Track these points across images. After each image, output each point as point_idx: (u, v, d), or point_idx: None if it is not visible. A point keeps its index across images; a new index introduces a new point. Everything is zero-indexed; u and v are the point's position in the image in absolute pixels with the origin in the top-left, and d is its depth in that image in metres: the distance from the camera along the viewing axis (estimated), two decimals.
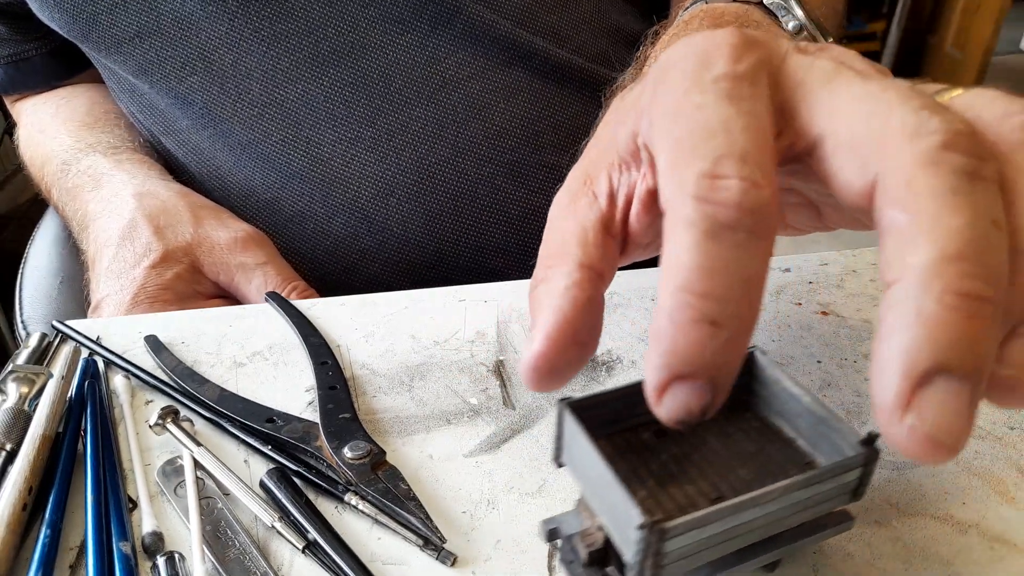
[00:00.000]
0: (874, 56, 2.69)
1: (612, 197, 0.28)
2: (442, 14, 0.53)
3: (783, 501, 0.22)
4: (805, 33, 0.41)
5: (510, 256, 0.57)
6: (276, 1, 0.52)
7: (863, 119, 0.22)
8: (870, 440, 0.23)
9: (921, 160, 0.20)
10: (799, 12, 0.41)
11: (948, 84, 0.25)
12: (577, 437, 0.24)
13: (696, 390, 0.21)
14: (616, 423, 0.26)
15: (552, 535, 0.26)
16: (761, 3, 0.42)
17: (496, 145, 0.55)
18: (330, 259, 0.57)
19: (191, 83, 0.55)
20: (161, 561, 0.27)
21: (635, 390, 0.26)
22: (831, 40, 0.42)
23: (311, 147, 0.55)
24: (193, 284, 0.50)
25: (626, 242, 0.28)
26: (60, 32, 0.57)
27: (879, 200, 0.21)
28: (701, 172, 0.22)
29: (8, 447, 0.31)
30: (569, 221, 0.28)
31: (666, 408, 0.21)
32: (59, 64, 0.67)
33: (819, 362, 0.37)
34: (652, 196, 0.27)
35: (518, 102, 0.55)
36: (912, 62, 2.73)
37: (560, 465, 0.26)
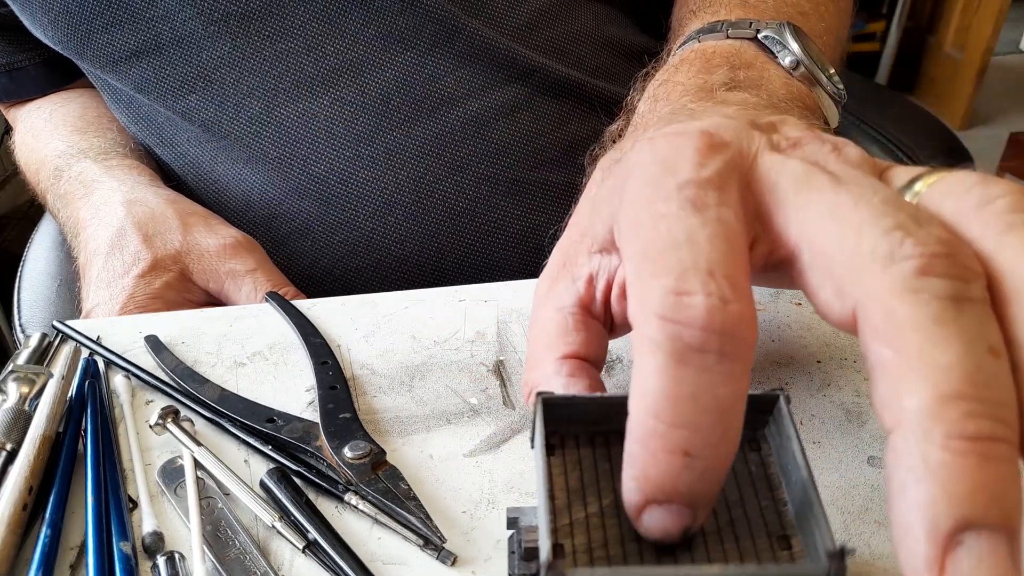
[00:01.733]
0: (874, 56, 2.69)
1: (591, 281, 0.27)
2: (441, 33, 0.53)
3: None
4: (803, 68, 0.39)
5: (510, 274, 0.57)
6: (277, 20, 0.53)
7: (835, 240, 0.21)
8: (839, 555, 0.20)
9: (898, 289, 0.19)
10: (794, 46, 0.40)
11: (925, 171, 0.23)
12: (539, 435, 0.24)
13: (673, 514, 0.20)
14: (601, 429, 0.26)
15: (511, 523, 0.26)
16: (755, 38, 0.40)
17: (496, 163, 0.55)
18: (328, 277, 0.57)
19: (190, 101, 0.55)
20: (161, 561, 0.27)
21: (622, 400, 0.25)
22: (832, 72, 0.41)
23: (309, 165, 0.55)
24: (183, 292, 0.50)
25: (612, 324, 0.28)
26: (54, 48, 0.57)
27: (862, 332, 0.20)
28: (664, 288, 0.20)
29: (8, 447, 0.31)
30: (549, 309, 0.28)
31: (644, 527, 0.20)
32: (53, 73, 0.67)
33: (819, 362, 0.37)
34: None
35: (518, 119, 0.55)
36: (912, 62, 2.73)
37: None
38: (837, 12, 0.51)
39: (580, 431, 0.26)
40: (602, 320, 0.28)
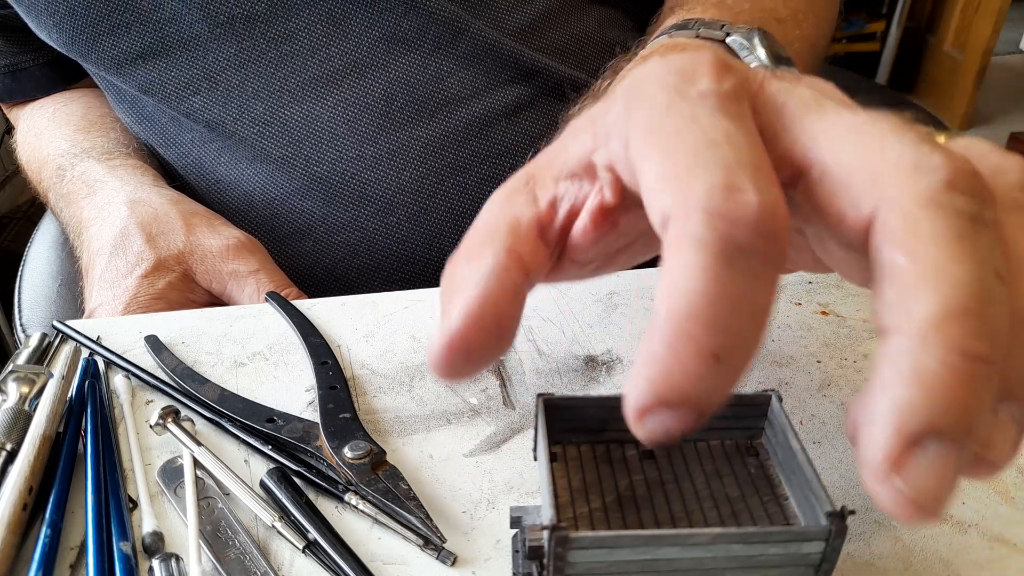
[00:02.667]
0: (874, 56, 2.69)
1: (553, 205, 0.26)
2: (445, 34, 0.53)
3: (715, 551, 0.21)
4: None
5: None
6: (282, 23, 0.53)
7: (855, 150, 0.21)
8: (840, 514, 0.21)
9: (924, 199, 0.19)
10: (761, 53, 0.39)
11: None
12: (541, 433, 0.24)
13: (681, 417, 0.19)
14: (603, 431, 0.26)
15: (514, 523, 0.26)
16: (723, 41, 0.40)
17: (499, 163, 0.55)
18: (329, 277, 0.57)
19: (194, 102, 0.55)
20: (156, 563, 0.27)
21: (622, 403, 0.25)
22: None
23: (312, 165, 0.55)
24: (186, 293, 0.50)
25: (561, 256, 0.26)
26: (59, 50, 0.57)
27: (877, 238, 0.20)
28: (712, 183, 0.19)
29: (8, 447, 0.31)
30: (503, 210, 0.26)
31: (646, 429, 0.20)
32: (57, 74, 0.67)
33: (819, 362, 0.37)
34: (605, 213, 0.25)
35: (521, 120, 0.55)
36: (912, 62, 2.73)
37: (536, 459, 0.25)
38: (816, 21, 0.50)
39: (580, 433, 0.26)
40: (554, 245, 0.26)
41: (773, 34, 0.40)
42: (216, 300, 0.52)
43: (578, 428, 0.26)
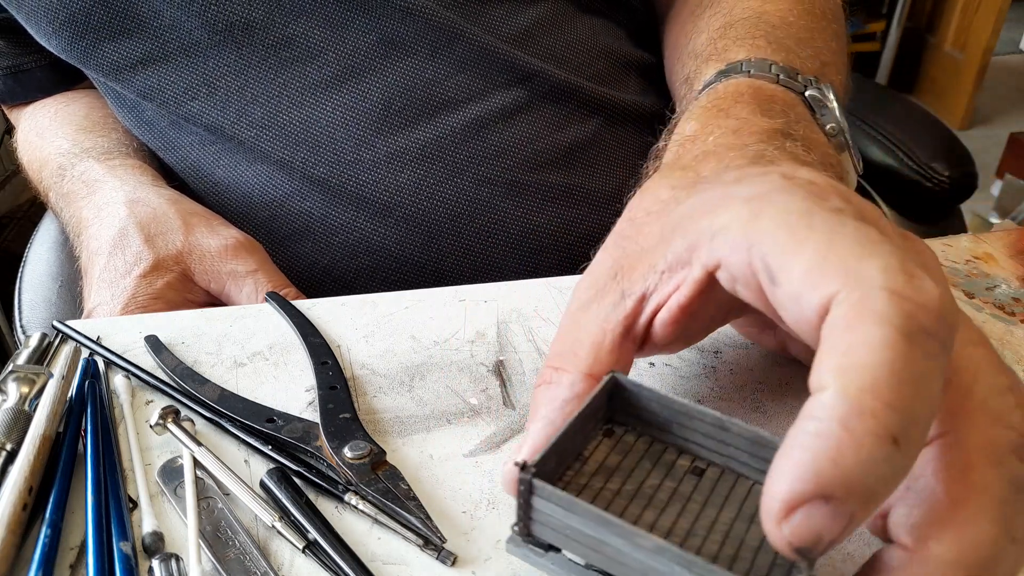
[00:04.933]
0: (874, 56, 2.69)
1: (643, 299, 0.27)
2: (441, 39, 0.54)
3: (658, 561, 0.21)
4: (839, 136, 0.39)
5: (509, 275, 0.57)
6: (280, 29, 0.53)
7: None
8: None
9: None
10: (836, 111, 0.39)
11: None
12: (589, 397, 0.25)
13: (839, 516, 0.17)
14: (667, 432, 0.26)
15: (523, 468, 0.27)
16: (803, 94, 0.39)
17: (495, 165, 0.55)
18: (327, 277, 0.58)
19: (193, 107, 0.55)
20: (156, 563, 0.27)
21: (686, 410, 0.26)
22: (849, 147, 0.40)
23: (310, 167, 0.55)
24: (184, 292, 0.50)
25: (645, 343, 0.28)
26: (57, 55, 0.57)
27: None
28: (888, 266, 0.19)
29: (8, 447, 0.31)
30: (590, 319, 0.27)
31: (791, 528, 0.18)
32: (59, 76, 0.67)
33: None
34: (684, 311, 0.26)
35: (517, 122, 0.56)
36: (912, 62, 2.73)
37: None
38: (846, 60, 0.51)
39: (644, 424, 0.26)
40: (639, 339, 0.28)
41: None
42: (215, 300, 0.52)
43: (643, 419, 0.26)
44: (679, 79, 0.52)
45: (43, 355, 0.38)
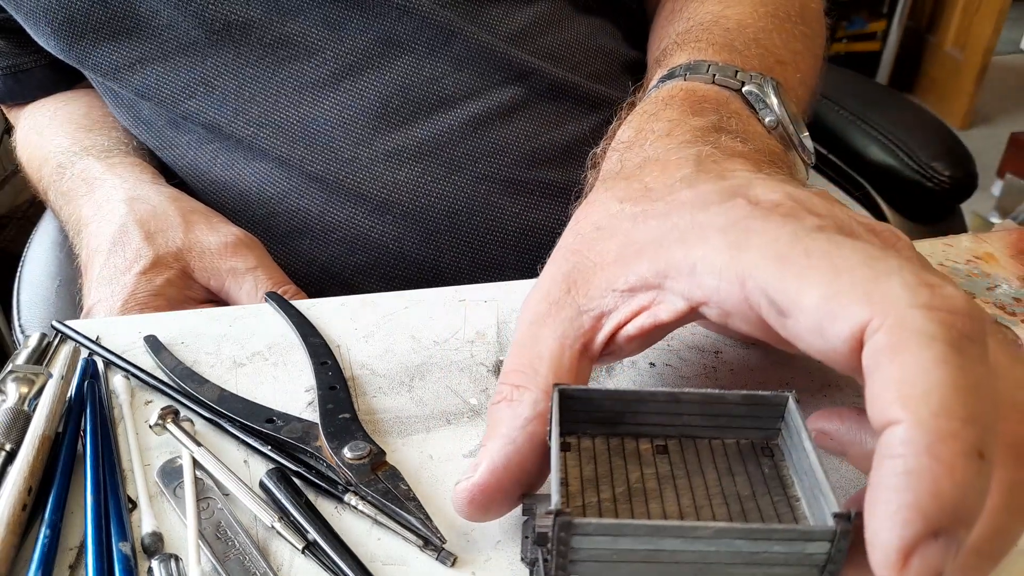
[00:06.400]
0: (874, 56, 2.69)
1: (601, 317, 0.27)
2: (439, 37, 0.54)
3: (718, 545, 0.21)
4: (780, 129, 0.39)
5: (507, 272, 0.57)
6: (277, 27, 0.53)
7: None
8: (846, 516, 0.21)
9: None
10: (775, 105, 0.39)
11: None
12: (554, 422, 0.25)
13: (951, 545, 0.17)
14: (618, 424, 0.26)
15: (526, 510, 0.27)
16: (740, 91, 0.39)
17: (493, 162, 0.55)
18: (325, 275, 0.58)
19: (190, 106, 0.56)
20: (156, 564, 0.27)
21: (639, 397, 0.26)
22: (806, 134, 0.40)
23: (308, 165, 0.55)
24: (184, 290, 0.50)
25: (602, 355, 0.28)
26: (55, 55, 0.57)
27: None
28: (910, 282, 0.19)
29: (8, 447, 0.31)
30: (547, 333, 0.27)
31: (916, 571, 0.17)
32: (58, 75, 0.67)
33: (819, 362, 0.37)
34: (659, 328, 0.26)
35: (515, 120, 0.56)
36: (912, 62, 2.73)
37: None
38: (813, 61, 0.50)
39: (595, 425, 0.26)
40: (596, 355, 0.27)
41: (780, 81, 0.41)
42: (214, 297, 0.52)
43: (594, 420, 0.26)
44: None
45: (42, 355, 0.38)
